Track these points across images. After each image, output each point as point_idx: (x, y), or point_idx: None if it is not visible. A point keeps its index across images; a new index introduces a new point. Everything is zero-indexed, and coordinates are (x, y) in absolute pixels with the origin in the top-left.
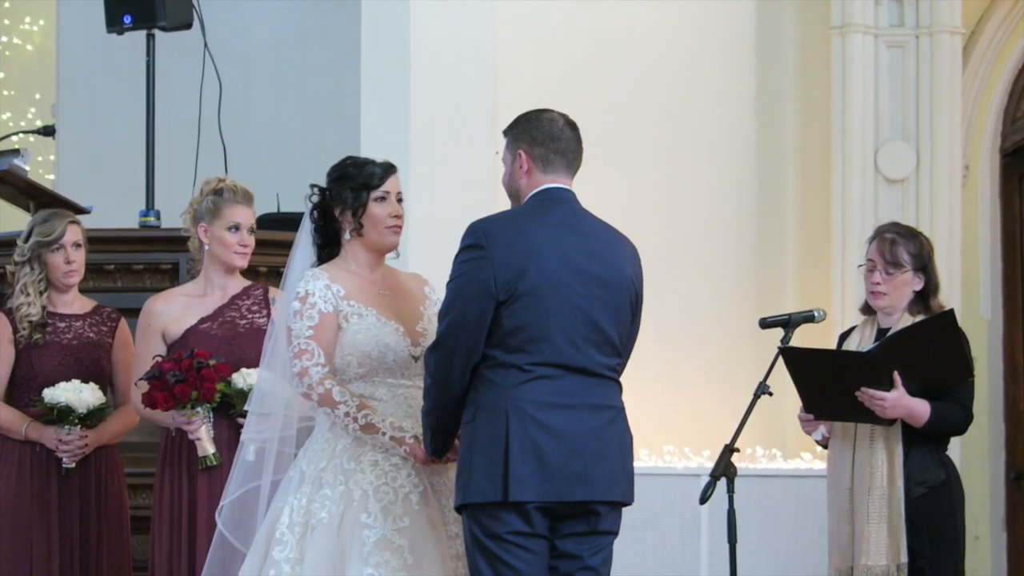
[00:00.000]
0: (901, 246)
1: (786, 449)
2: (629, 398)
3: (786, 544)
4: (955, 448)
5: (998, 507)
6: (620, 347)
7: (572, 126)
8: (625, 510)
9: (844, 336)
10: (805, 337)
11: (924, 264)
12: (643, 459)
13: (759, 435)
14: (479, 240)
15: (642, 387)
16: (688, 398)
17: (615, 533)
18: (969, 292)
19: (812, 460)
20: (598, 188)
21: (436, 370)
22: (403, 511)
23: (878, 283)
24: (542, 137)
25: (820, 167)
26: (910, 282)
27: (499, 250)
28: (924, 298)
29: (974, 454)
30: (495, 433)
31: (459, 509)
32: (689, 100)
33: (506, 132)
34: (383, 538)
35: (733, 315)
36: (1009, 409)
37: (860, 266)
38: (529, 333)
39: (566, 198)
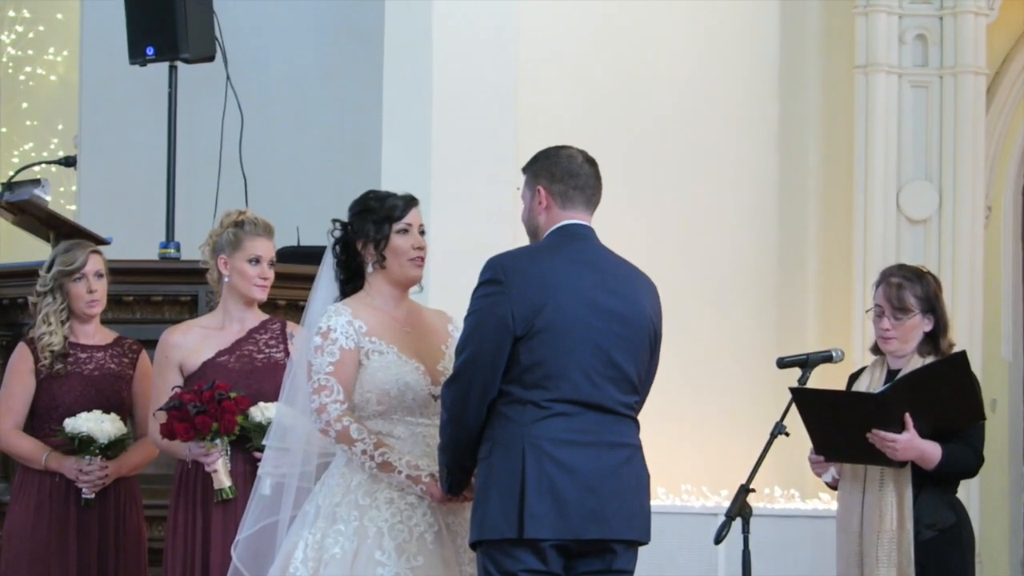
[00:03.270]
0: (908, 290)
1: (804, 489)
2: (647, 436)
3: None
4: (974, 490)
5: (1016, 550)
6: (638, 384)
7: (591, 162)
8: (642, 548)
9: (854, 377)
10: (824, 377)
11: (932, 305)
12: (660, 497)
13: (777, 475)
14: (497, 275)
15: (660, 425)
16: (706, 437)
17: (631, 572)
18: (990, 334)
19: (830, 501)
20: (619, 225)
21: (452, 405)
22: (417, 550)
23: (887, 328)
24: (561, 173)
25: (842, 206)
26: (919, 324)
27: (517, 285)
28: (934, 338)
29: (993, 496)
30: (511, 470)
31: (474, 546)
32: (712, 138)
33: (525, 168)
34: None
35: (753, 354)
36: None
37: (868, 311)
38: (546, 369)
39: (585, 234)
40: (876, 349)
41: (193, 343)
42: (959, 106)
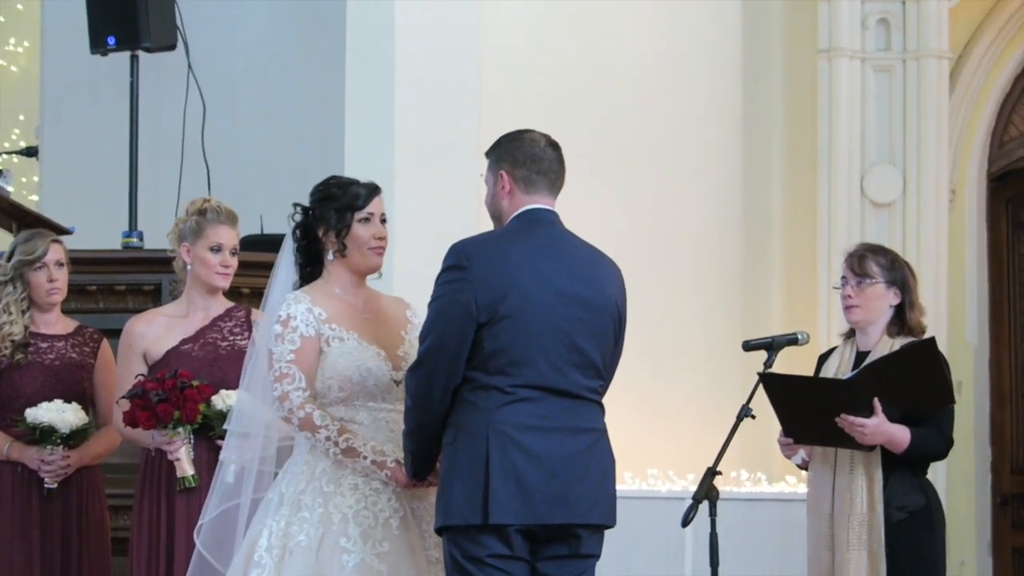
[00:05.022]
0: (870, 259)
1: (771, 473)
2: (614, 421)
3: (771, 568)
4: (941, 472)
5: (984, 531)
6: (602, 369)
7: (554, 146)
8: (610, 533)
9: (823, 358)
10: (790, 359)
11: (896, 279)
12: (627, 482)
13: (744, 458)
14: (460, 261)
15: (627, 410)
16: (673, 421)
17: (597, 556)
18: (955, 317)
19: (796, 484)
20: (584, 210)
21: (416, 391)
22: (383, 536)
23: (849, 296)
24: (524, 158)
25: (806, 191)
26: (883, 295)
27: (480, 272)
28: (902, 315)
29: (960, 478)
30: (475, 455)
31: (439, 531)
32: (676, 123)
33: (488, 153)
34: (362, 563)
35: (719, 338)
36: (995, 433)
37: (835, 287)
38: (510, 355)
39: (549, 219)
40: (847, 334)
41: (157, 331)
42: (922, 90)
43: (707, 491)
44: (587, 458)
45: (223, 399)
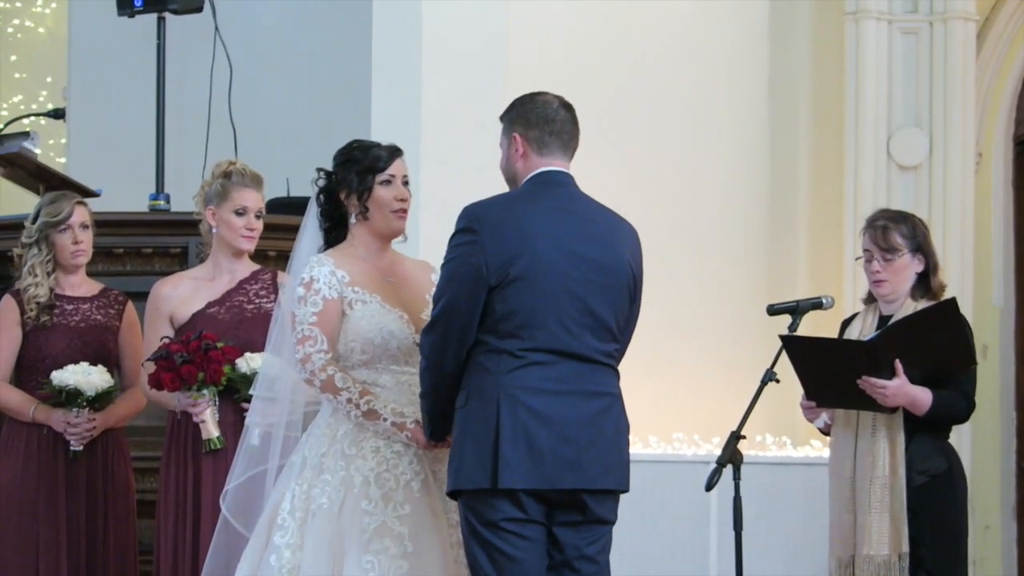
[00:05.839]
0: (894, 231)
1: (796, 437)
2: (639, 384)
3: (795, 531)
4: (966, 436)
5: (1008, 496)
6: (617, 333)
7: (567, 107)
8: (634, 496)
9: (846, 323)
10: (815, 323)
11: (919, 244)
12: (652, 446)
13: (769, 423)
14: (471, 224)
15: (651, 374)
16: (698, 385)
17: (612, 521)
18: (981, 280)
19: (821, 448)
20: (608, 173)
21: (430, 352)
22: (404, 498)
23: (878, 271)
24: (536, 119)
25: (833, 153)
26: (909, 265)
27: (491, 234)
28: (925, 279)
29: (985, 443)
30: (486, 419)
31: (452, 495)
32: (702, 86)
33: (502, 116)
34: (383, 525)
35: (744, 302)
36: (1020, 397)
37: (858, 258)
38: (521, 318)
39: (563, 181)
40: (868, 299)
41: (183, 294)
42: (949, 52)
43: (731, 455)
44: (600, 422)
45: (247, 362)
